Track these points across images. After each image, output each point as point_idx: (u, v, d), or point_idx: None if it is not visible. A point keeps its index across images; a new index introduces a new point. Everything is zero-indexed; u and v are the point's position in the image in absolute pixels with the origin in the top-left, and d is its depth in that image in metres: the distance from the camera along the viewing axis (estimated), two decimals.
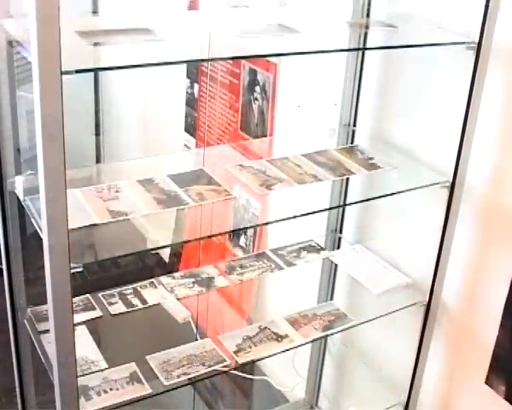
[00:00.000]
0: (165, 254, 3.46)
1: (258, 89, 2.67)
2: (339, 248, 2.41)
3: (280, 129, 2.61)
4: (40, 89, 1.18)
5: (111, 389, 1.69)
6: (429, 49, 1.88)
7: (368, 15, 2.07)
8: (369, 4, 2.10)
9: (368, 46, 2.02)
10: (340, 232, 2.40)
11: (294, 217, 1.75)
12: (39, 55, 1.16)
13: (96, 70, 1.88)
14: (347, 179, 2.04)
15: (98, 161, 4.20)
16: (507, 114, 1.83)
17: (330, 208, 2.29)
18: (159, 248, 1.78)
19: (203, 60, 2.06)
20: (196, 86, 3.14)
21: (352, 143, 2.22)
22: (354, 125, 2.24)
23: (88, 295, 2.00)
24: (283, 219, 1.76)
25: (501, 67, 1.81)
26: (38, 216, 1.42)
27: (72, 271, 1.36)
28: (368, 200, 2.07)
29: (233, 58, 2.34)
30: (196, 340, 1.95)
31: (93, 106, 4.16)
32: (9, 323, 1.83)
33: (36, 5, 1.12)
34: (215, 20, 1.83)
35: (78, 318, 1.85)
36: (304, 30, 1.80)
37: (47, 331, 1.53)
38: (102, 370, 1.75)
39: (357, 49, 2.09)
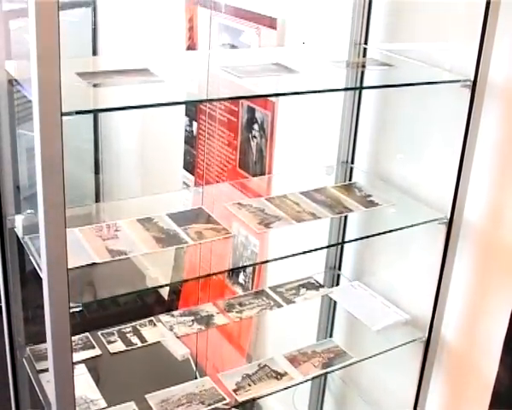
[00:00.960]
0: (165, 291, 3.46)
1: (256, 127, 2.69)
2: (338, 284, 2.41)
3: (278, 166, 2.62)
4: (40, 130, 1.19)
5: None
6: (425, 86, 1.90)
7: (364, 55, 2.10)
8: (365, 43, 2.12)
9: (365, 85, 2.04)
10: (339, 269, 2.40)
11: (293, 255, 1.76)
12: (40, 96, 1.17)
13: (95, 111, 1.89)
14: (345, 217, 2.05)
15: (97, 199, 4.21)
16: (504, 150, 1.84)
17: (328, 246, 2.30)
18: (158, 287, 1.78)
19: (202, 100, 2.08)
20: (195, 124, 3.16)
21: (350, 180, 2.23)
22: (352, 163, 2.25)
23: (87, 334, 2.00)
24: (282, 258, 1.77)
25: (497, 104, 1.83)
26: (38, 255, 1.43)
27: (72, 310, 1.37)
28: (366, 237, 2.07)
29: (232, 98, 2.36)
30: (196, 378, 1.95)
31: (92, 144, 4.18)
32: (8, 361, 1.83)
33: (37, 47, 1.14)
34: (214, 60, 1.85)
35: (77, 356, 1.85)
36: (301, 69, 1.82)
37: (46, 370, 1.53)
38: (102, 409, 1.74)
39: (355, 89, 2.11)
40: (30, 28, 1.14)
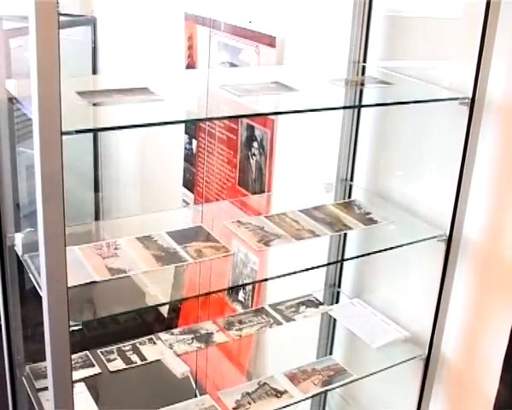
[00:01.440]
0: (164, 309, 3.46)
1: (255, 144, 2.69)
2: (337, 302, 2.41)
3: (278, 184, 2.62)
4: (40, 149, 1.20)
5: None
6: (424, 104, 1.91)
7: (363, 73, 2.11)
8: (364, 61, 2.13)
9: (363, 103, 2.05)
10: (339, 286, 2.40)
11: (293, 273, 1.76)
12: (40, 115, 1.18)
13: (95, 131, 1.90)
14: (345, 234, 2.06)
15: (97, 217, 4.21)
16: (502, 167, 1.85)
17: (328, 264, 2.30)
18: (157, 305, 1.78)
19: (201, 119, 2.09)
20: (195, 142, 3.17)
21: (349, 197, 2.23)
22: (351, 180, 2.26)
23: (86, 352, 2.00)
24: (281, 276, 1.77)
25: (495, 121, 1.83)
26: (38, 273, 1.43)
27: (71, 328, 1.37)
28: (366, 255, 2.07)
29: (231, 117, 2.37)
30: (195, 396, 1.95)
31: (92, 162, 4.18)
32: (7, 380, 1.82)
33: (37, 65, 1.15)
34: (213, 79, 1.85)
35: (76, 375, 1.84)
36: (301, 88, 1.83)
37: (45, 389, 1.53)
38: None
39: (353, 107, 2.12)
40: (30, 46, 1.15)
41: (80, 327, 1.38)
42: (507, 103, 1.80)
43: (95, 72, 4.06)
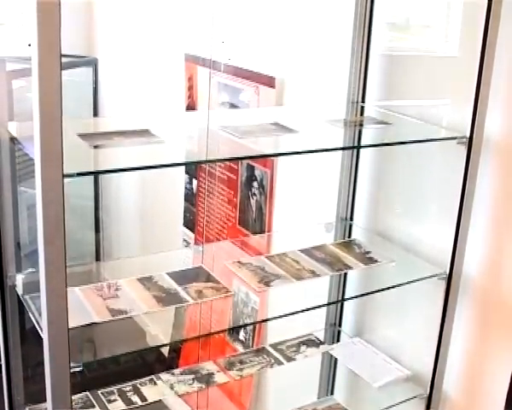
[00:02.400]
0: (165, 349, 3.44)
1: (255, 184, 2.70)
2: (338, 341, 2.41)
3: (278, 224, 2.63)
4: (42, 191, 1.21)
5: None
6: (422, 143, 1.92)
7: (362, 113, 2.12)
8: (363, 101, 2.15)
9: (362, 143, 2.06)
10: (339, 326, 2.40)
11: (293, 313, 1.76)
12: (42, 158, 1.19)
13: (96, 173, 1.91)
14: (345, 274, 2.06)
15: (98, 257, 4.21)
16: (501, 206, 1.85)
17: (328, 304, 2.30)
18: (158, 346, 1.78)
19: (201, 162, 2.10)
20: (195, 182, 3.18)
21: (349, 237, 2.24)
22: (351, 220, 2.27)
23: (87, 393, 1.99)
24: (282, 316, 1.77)
25: (494, 160, 1.84)
26: (38, 314, 1.43)
27: (72, 370, 1.37)
28: (366, 294, 2.08)
29: (231, 159, 2.38)
30: None
31: (93, 202, 4.19)
32: None
33: (39, 108, 1.16)
34: (213, 120, 1.87)
35: None
36: (300, 129, 1.84)
37: None
38: None
39: (352, 148, 2.14)
40: (33, 87, 1.16)
41: (81, 368, 1.38)
42: (505, 142, 1.81)
43: (96, 112, 4.08)
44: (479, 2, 1.72)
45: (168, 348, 3.42)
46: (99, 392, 2.01)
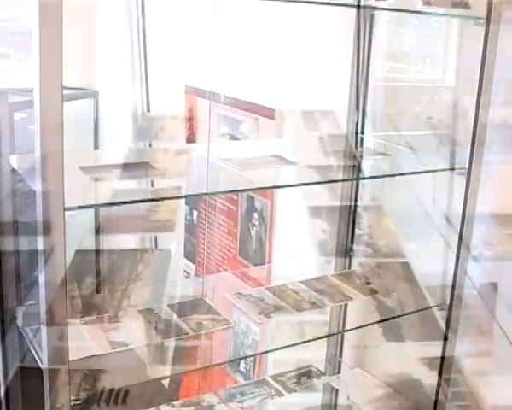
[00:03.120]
0: (165, 381, 3.43)
1: (255, 215, 2.71)
2: (339, 372, 2.40)
3: (278, 254, 2.63)
4: (43, 225, 1.22)
5: None
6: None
7: (361, 144, 2.13)
8: (362, 132, 2.16)
9: (362, 175, 2.07)
10: (340, 356, 2.39)
11: (294, 345, 1.76)
12: (43, 192, 1.20)
13: (97, 206, 1.91)
14: (346, 305, 2.06)
15: (98, 289, 4.20)
16: (501, 231, 1.86)
17: (328, 335, 2.29)
18: (159, 378, 1.77)
19: (201, 194, 2.10)
20: (195, 213, 3.18)
21: (349, 268, 2.24)
22: (351, 251, 2.27)
23: None
24: (282, 348, 1.77)
25: (491, 190, 1.85)
26: (38, 346, 1.43)
27: (72, 403, 1.36)
28: (366, 325, 2.07)
29: (231, 192, 2.39)
30: None
31: (93, 233, 4.18)
32: None
33: (41, 140, 1.17)
34: (213, 153, 1.88)
35: None
36: (300, 161, 1.85)
37: None
38: None
39: (352, 180, 2.14)
40: (35, 119, 1.18)
41: (81, 401, 1.38)
42: (502, 172, 1.82)
43: (96, 144, 4.09)
44: (476, 34, 1.74)
45: (168, 380, 3.41)
46: None
